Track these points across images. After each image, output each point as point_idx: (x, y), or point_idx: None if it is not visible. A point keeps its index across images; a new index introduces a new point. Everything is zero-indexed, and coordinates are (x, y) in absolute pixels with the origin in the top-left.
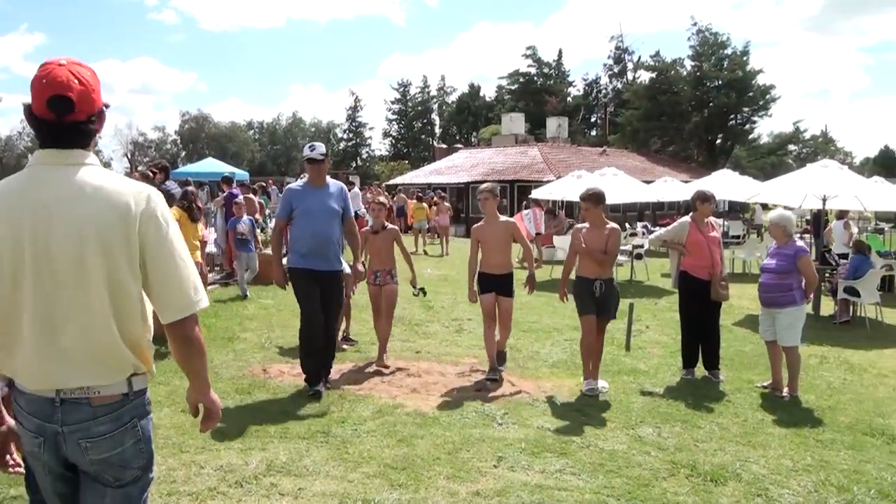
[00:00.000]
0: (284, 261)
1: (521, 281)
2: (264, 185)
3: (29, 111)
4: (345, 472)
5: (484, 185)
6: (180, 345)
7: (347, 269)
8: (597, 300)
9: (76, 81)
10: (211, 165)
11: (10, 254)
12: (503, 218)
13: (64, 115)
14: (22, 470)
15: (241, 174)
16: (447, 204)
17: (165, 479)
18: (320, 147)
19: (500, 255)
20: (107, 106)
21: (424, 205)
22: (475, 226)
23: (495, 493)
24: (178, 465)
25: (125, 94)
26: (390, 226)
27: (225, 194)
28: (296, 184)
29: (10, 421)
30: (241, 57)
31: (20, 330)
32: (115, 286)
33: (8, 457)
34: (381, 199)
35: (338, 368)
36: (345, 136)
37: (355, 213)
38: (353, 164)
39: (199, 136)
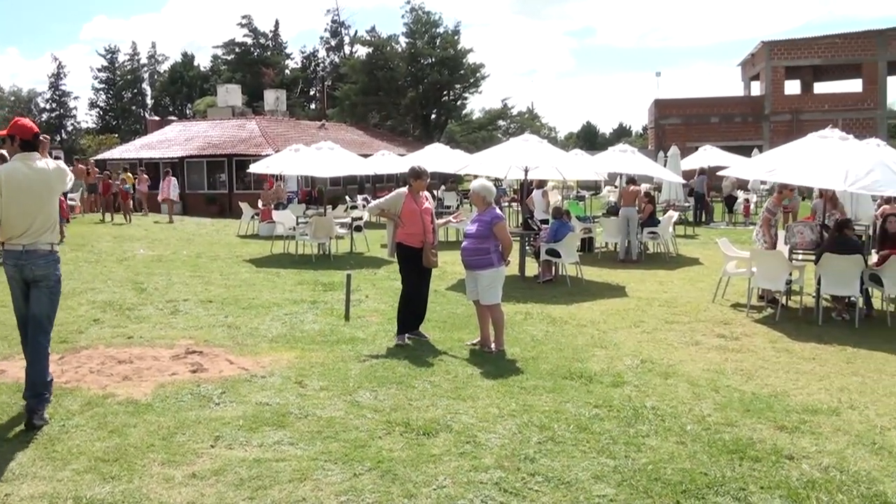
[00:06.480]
0: None
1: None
2: None
3: (12, 137)
4: (53, 471)
5: None
6: None
7: None
8: None
9: (32, 124)
10: None
11: (19, 195)
12: None
13: (30, 138)
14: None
15: None
16: (145, 176)
17: None
18: None
19: None
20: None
21: (130, 175)
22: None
23: (212, 473)
24: None
25: None
26: None
27: None
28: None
29: None
30: None
31: (16, 222)
32: (53, 205)
33: None
34: None
35: None
36: (47, 107)
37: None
38: (58, 138)
39: None
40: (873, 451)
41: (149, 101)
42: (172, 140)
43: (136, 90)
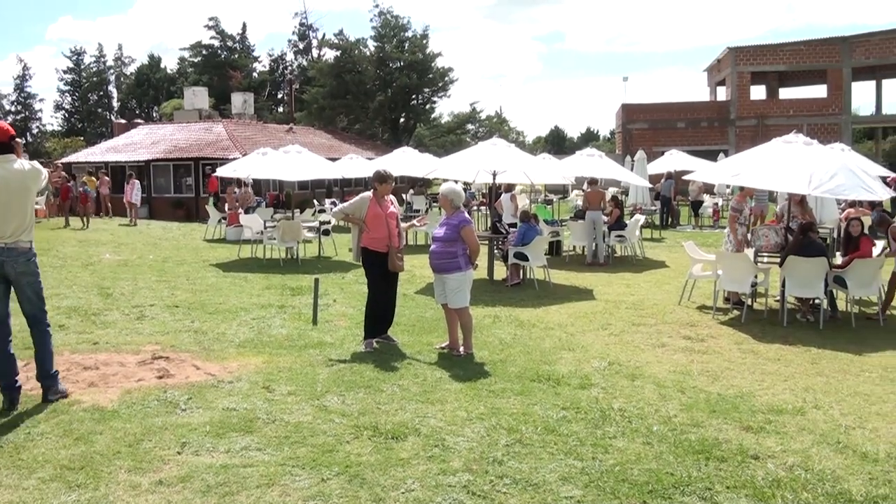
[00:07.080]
0: None
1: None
2: None
3: None
4: (19, 480)
5: None
6: None
7: None
8: None
9: (9, 127)
10: None
11: None
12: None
13: (6, 140)
14: None
15: None
16: (107, 178)
17: None
18: None
19: None
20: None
21: (93, 178)
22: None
23: (179, 480)
24: None
25: None
26: None
27: None
28: None
29: None
30: None
31: None
32: (30, 204)
33: None
34: None
35: None
36: (12, 109)
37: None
38: (23, 140)
39: None
40: (838, 450)
41: (115, 103)
42: (139, 143)
43: (102, 92)
